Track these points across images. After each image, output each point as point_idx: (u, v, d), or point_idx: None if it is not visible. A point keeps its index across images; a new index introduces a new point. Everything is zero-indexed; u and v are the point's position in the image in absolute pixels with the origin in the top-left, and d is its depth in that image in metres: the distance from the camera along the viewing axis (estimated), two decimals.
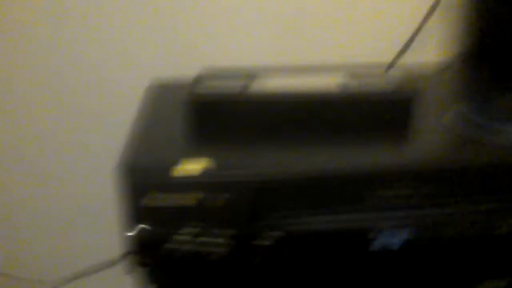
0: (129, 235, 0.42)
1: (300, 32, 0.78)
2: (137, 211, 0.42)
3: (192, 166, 0.42)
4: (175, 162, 0.42)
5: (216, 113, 0.50)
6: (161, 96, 0.61)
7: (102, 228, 0.83)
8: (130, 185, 0.41)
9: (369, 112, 0.51)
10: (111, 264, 0.82)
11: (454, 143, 0.49)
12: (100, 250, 0.83)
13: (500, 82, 0.64)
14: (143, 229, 0.42)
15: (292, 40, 0.78)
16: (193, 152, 0.46)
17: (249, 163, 0.44)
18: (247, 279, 0.45)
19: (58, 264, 0.87)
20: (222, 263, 0.43)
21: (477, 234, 0.45)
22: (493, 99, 0.55)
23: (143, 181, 0.42)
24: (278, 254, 0.43)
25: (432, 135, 0.50)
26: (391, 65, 0.59)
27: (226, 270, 0.44)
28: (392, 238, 0.44)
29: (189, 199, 0.42)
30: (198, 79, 0.54)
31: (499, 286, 0.51)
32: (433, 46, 0.82)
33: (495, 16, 0.71)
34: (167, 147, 0.47)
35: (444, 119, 0.52)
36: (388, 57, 0.79)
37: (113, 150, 0.47)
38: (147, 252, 0.43)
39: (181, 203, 0.42)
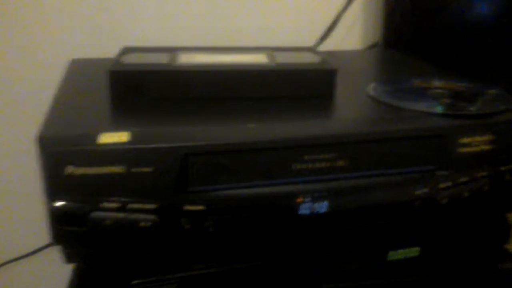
0: (54, 207, 0.42)
1: (224, 15, 0.79)
2: (60, 182, 0.41)
3: (116, 137, 0.43)
4: (98, 132, 0.42)
5: (140, 87, 0.51)
6: (83, 71, 0.61)
7: (27, 206, 0.80)
8: (52, 155, 0.41)
9: (295, 84, 0.53)
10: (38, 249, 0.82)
11: (370, 116, 0.52)
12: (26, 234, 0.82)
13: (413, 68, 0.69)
14: (67, 200, 0.42)
15: (215, 22, 0.79)
16: (117, 123, 0.46)
17: (174, 134, 0.44)
18: (178, 246, 0.47)
19: None
20: (151, 231, 0.43)
21: (392, 203, 0.49)
22: (403, 82, 0.59)
23: (65, 151, 0.41)
24: (208, 220, 0.44)
25: (351, 108, 0.53)
26: (313, 49, 0.62)
27: (155, 238, 0.44)
28: (315, 205, 0.46)
29: (113, 169, 0.42)
30: (121, 55, 0.55)
31: (410, 253, 0.55)
32: (354, 33, 0.86)
33: (412, 7, 0.76)
34: (90, 118, 0.46)
35: (360, 95, 0.56)
36: (310, 43, 0.83)
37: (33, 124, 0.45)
38: (72, 224, 0.43)
39: (105, 173, 0.41)
